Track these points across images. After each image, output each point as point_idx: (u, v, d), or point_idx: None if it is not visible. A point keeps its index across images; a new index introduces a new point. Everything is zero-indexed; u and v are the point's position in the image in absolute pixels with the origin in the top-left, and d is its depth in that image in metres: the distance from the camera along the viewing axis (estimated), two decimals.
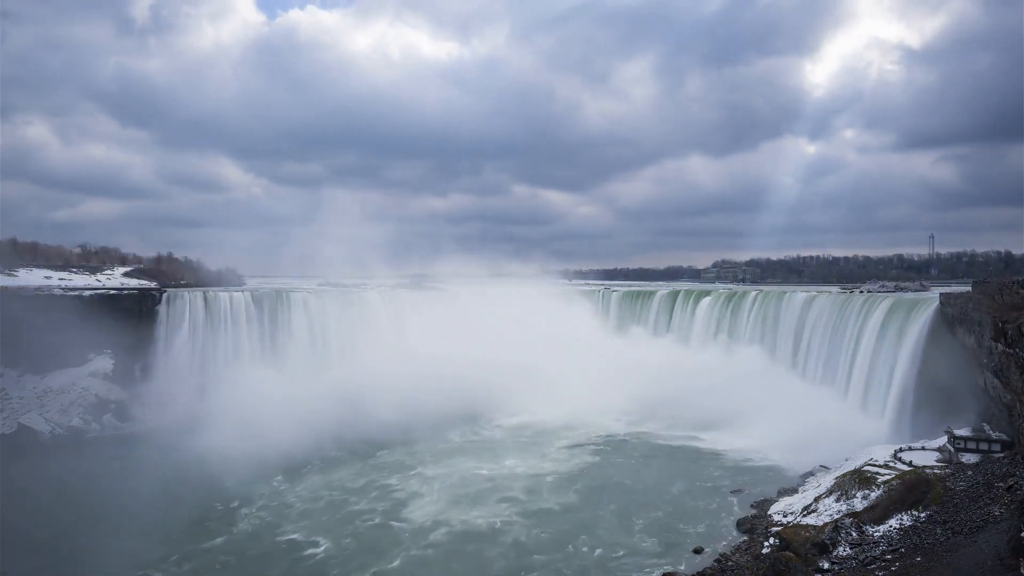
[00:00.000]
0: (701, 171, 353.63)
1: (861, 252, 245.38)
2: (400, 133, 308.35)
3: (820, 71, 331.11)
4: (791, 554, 38.37)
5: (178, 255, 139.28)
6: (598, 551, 45.13)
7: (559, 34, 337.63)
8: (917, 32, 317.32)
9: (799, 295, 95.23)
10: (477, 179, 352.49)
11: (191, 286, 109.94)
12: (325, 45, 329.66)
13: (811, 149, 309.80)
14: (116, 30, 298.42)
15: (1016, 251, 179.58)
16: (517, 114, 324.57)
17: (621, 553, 44.72)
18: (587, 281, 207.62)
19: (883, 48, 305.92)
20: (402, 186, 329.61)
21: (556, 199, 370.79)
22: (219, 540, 47.14)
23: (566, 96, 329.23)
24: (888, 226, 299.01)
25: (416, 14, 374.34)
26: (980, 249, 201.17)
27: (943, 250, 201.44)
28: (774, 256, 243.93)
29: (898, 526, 39.16)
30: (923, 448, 52.80)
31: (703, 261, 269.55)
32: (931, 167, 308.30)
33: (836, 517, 42.71)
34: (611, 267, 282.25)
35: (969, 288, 65.20)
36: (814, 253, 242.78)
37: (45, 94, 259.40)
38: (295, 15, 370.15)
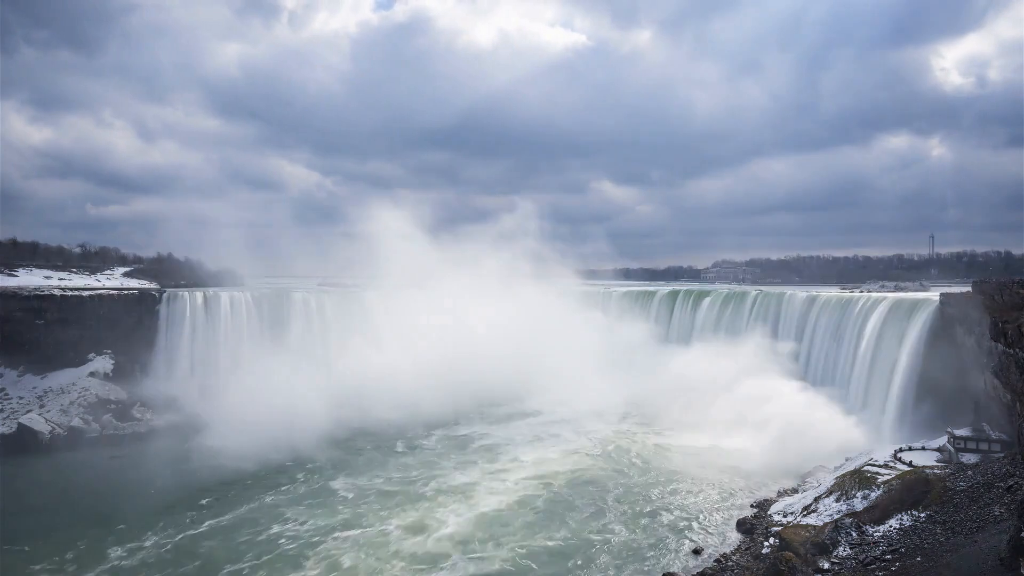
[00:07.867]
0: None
1: (861, 252, 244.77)
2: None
3: None
4: (791, 554, 38.35)
5: (178, 255, 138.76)
6: (597, 551, 45.10)
7: None
8: None
9: (799, 295, 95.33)
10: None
11: (191, 286, 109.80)
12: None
13: None
14: None
15: (1016, 251, 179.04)
16: None
17: (621, 553, 44.70)
18: (587, 282, 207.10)
19: None
20: None
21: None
22: (220, 541, 47.09)
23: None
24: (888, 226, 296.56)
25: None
26: (980, 249, 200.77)
27: (943, 250, 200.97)
28: (774, 256, 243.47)
29: (898, 526, 39.19)
30: (923, 448, 52.88)
31: (703, 261, 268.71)
32: None
33: (836, 517, 42.73)
34: (611, 267, 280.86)
35: (969, 288, 65.17)
36: (814, 253, 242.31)
37: None
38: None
